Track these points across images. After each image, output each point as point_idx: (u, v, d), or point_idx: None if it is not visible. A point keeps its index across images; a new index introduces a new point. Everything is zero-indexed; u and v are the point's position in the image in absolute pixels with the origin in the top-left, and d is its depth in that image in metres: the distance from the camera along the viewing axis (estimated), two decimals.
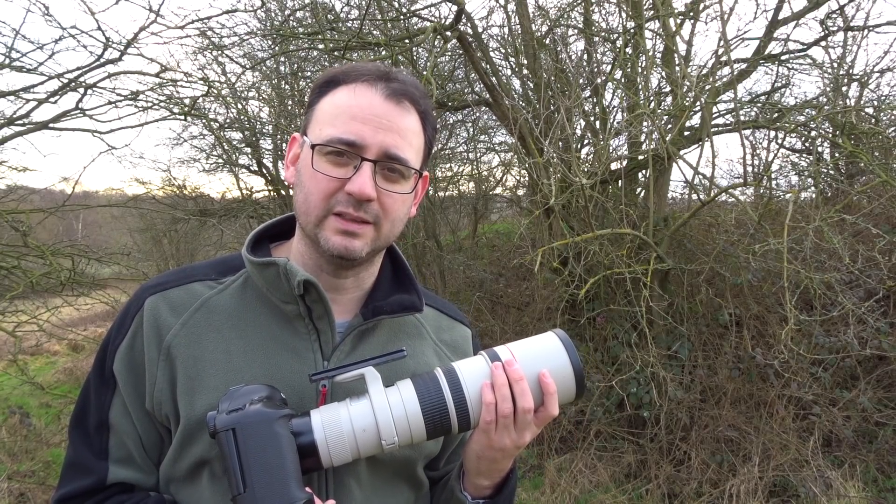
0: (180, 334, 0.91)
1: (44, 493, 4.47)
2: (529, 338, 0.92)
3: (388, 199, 0.90)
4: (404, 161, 0.89)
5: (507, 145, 7.92)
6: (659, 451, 4.37)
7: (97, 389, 0.93)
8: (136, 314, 0.93)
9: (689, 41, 5.01)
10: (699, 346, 4.68)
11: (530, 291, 5.99)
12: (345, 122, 0.88)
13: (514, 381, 0.85)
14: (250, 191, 9.48)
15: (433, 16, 5.74)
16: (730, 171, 9.85)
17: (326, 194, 0.88)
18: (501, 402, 0.85)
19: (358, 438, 0.82)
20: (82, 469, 0.91)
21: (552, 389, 0.86)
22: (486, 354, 0.90)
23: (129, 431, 0.91)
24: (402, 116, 0.90)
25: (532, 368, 0.87)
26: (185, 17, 6.93)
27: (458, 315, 1.13)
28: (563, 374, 0.88)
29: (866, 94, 5.60)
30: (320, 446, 0.80)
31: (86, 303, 5.92)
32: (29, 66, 4.51)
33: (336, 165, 0.88)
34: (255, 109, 8.66)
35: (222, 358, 0.90)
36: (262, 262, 0.93)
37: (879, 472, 3.91)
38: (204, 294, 0.95)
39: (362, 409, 0.83)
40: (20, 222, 4.79)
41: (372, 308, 0.97)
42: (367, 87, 0.89)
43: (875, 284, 3.79)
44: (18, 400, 6.80)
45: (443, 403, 0.84)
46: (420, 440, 0.86)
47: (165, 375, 0.89)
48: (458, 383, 0.86)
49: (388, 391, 0.85)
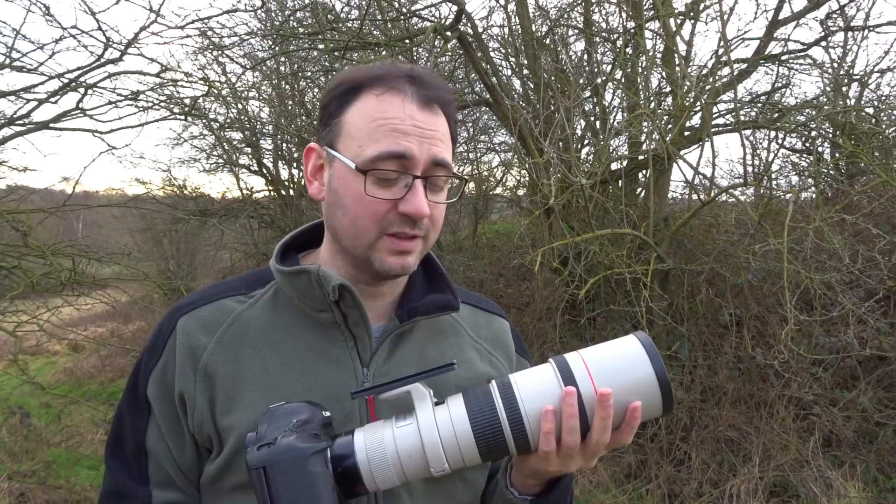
0: (216, 352, 0.89)
1: (44, 493, 4.47)
2: (606, 345, 0.80)
3: (436, 212, 0.88)
4: (449, 166, 0.87)
5: (507, 145, 7.93)
6: (659, 451, 4.37)
7: (132, 414, 0.91)
8: (170, 336, 0.90)
9: (689, 41, 5.01)
10: (699, 347, 4.68)
11: (530, 291, 5.99)
12: (387, 136, 0.83)
13: (600, 418, 0.76)
14: (250, 191, 9.51)
15: (433, 16, 5.75)
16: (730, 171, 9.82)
17: (378, 217, 0.84)
18: (567, 434, 0.76)
19: (403, 464, 0.75)
20: (125, 496, 0.89)
21: (637, 423, 0.77)
22: (557, 367, 0.78)
23: (165, 456, 0.89)
24: (438, 122, 0.87)
25: (617, 396, 0.75)
26: (185, 17, 6.98)
27: (494, 308, 1.09)
28: (649, 394, 0.76)
29: (866, 94, 5.60)
30: (363, 471, 0.75)
31: (86, 303, 5.93)
32: (29, 66, 4.52)
33: (385, 187, 0.84)
34: (256, 109, 8.69)
35: (260, 373, 0.87)
36: (293, 270, 0.91)
37: (880, 473, 3.91)
38: (235, 309, 0.92)
39: (407, 431, 0.76)
40: (20, 222, 4.79)
41: (407, 310, 0.93)
42: (397, 94, 0.85)
43: (875, 284, 3.79)
44: (18, 400, 6.80)
45: (497, 423, 0.75)
46: (474, 464, 0.77)
47: (204, 396, 0.87)
48: (514, 400, 0.76)
49: (436, 410, 0.77)
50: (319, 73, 6.84)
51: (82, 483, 4.75)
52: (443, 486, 0.92)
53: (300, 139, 7.49)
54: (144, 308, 9.78)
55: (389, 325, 0.93)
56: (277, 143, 8.70)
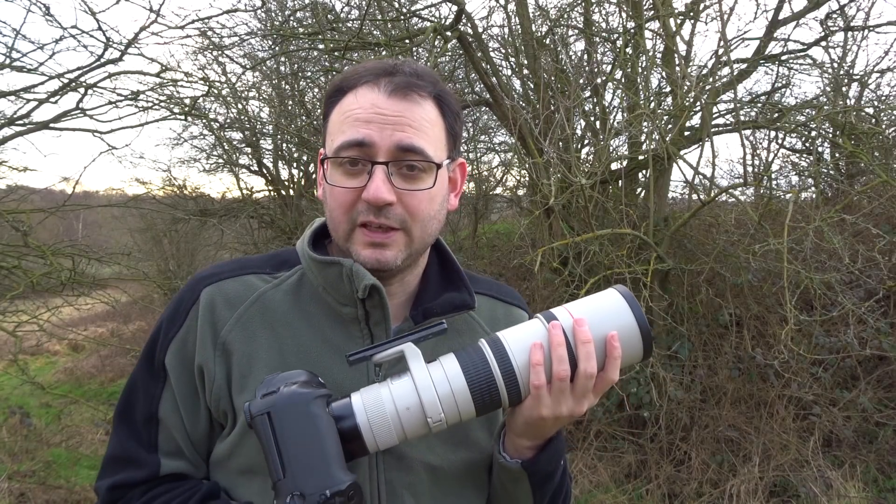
0: (235, 329, 0.88)
1: (44, 493, 4.47)
2: (588, 296, 0.86)
3: (412, 200, 0.85)
4: (420, 151, 0.84)
5: (507, 145, 7.92)
6: (659, 451, 4.37)
7: (145, 382, 0.91)
8: (192, 307, 0.90)
9: (689, 41, 5.01)
10: (699, 346, 4.68)
11: (530, 291, 5.98)
12: (350, 126, 0.84)
13: (581, 343, 0.79)
14: (250, 191, 9.49)
15: (433, 16, 5.75)
16: (730, 171, 9.83)
17: (346, 207, 0.85)
18: (557, 364, 0.78)
19: (402, 418, 0.77)
20: (132, 461, 0.89)
21: (617, 353, 0.80)
22: (542, 316, 0.83)
23: (177, 425, 0.89)
24: (411, 109, 0.85)
25: (597, 329, 0.80)
26: (185, 17, 6.95)
27: (514, 298, 1.07)
28: (628, 334, 0.81)
29: (866, 94, 5.60)
30: (363, 429, 0.76)
31: (86, 303, 5.93)
32: (29, 66, 4.52)
33: (351, 175, 0.85)
34: (256, 109, 8.67)
35: (275, 357, 0.87)
36: (326, 260, 0.90)
37: (879, 473, 3.91)
38: (259, 287, 0.92)
39: (404, 387, 0.78)
40: (21, 222, 4.79)
41: (422, 310, 0.92)
42: (370, 87, 0.86)
43: (875, 284, 3.79)
44: (18, 400, 6.80)
45: (489, 374, 0.79)
46: (469, 417, 0.80)
47: (222, 371, 0.87)
48: (504, 351, 0.80)
49: (430, 367, 0.80)
50: (319, 73, 6.84)
51: (82, 483, 4.75)
52: (455, 492, 0.92)
53: (300, 139, 7.49)
54: (144, 308, 9.78)
55: (404, 325, 0.93)
56: (277, 143, 8.70)
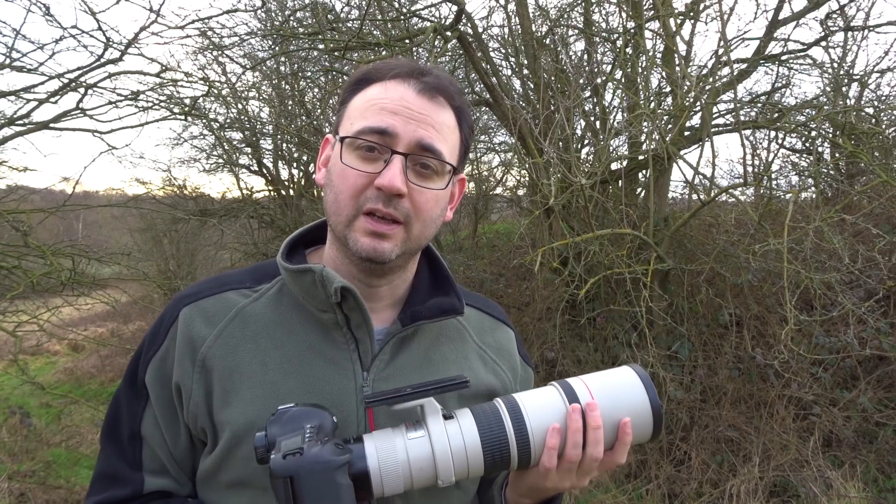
0: (215, 345, 0.88)
1: (44, 493, 4.47)
2: (605, 372, 0.87)
3: (420, 197, 0.85)
4: (438, 153, 0.85)
5: (507, 145, 7.93)
6: (659, 451, 4.37)
7: (129, 400, 0.91)
8: (171, 326, 0.90)
9: (689, 41, 5.01)
10: (699, 347, 4.68)
11: (530, 291, 5.98)
12: (375, 114, 0.84)
13: (591, 429, 0.81)
14: (251, 191, 9.51)
15: (433, 16, 5.75)
16: (730, 171, 9.85)
17: (356, 191, 0.84)
18: (571, 448, 0.81)
19: (413, 473, 0.78)
20: (117, 479, 0.89)
21: (629, 440, 0.83)
22: (561, 390, 0.85)
23: (160, 443, 0.90)
24: (436, 111, 0.86)
25: (611, 412, 0.83)
26: (185, 17, 6.98)
27: (501, 315, 1.08)
28: (640, 415, 0.84)
29: (866, 94, 5.60)
30: (373, 476, 0.77)
31: (86, 303, 5.92)
32: (29, 66, 4.52)
33: (366, 161, 0.84)
34: (256, 109, 8.68)
35: (258, 370, 0.87)
36: (298, 269, 0.90)
37: (879, 473, 3.91)
38: (239, 303, 0.92)
39: (420, 444, 0.79)
40: (21, 222, 4.79)
41: (410, 313, 0.92)
42: (400, 82, 0.86)
43: (875, 284, 3.79)
44: (18, 400, 6.80)
45: (504, 439, 0.81)
46: (477, 475, 0.82)
47: (201, 388, 0.87)
48: (521, 418, 0.82)
49: (447, 424, 0.81)
50: (319, 73, 6.85)
51: (82, 483, 4.75)
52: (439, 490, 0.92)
53: (300, 139, 7.49)
54: (144, 308, 9.78)
55: (392, 328, 0.92)
56: (277, 143, 8.70)
